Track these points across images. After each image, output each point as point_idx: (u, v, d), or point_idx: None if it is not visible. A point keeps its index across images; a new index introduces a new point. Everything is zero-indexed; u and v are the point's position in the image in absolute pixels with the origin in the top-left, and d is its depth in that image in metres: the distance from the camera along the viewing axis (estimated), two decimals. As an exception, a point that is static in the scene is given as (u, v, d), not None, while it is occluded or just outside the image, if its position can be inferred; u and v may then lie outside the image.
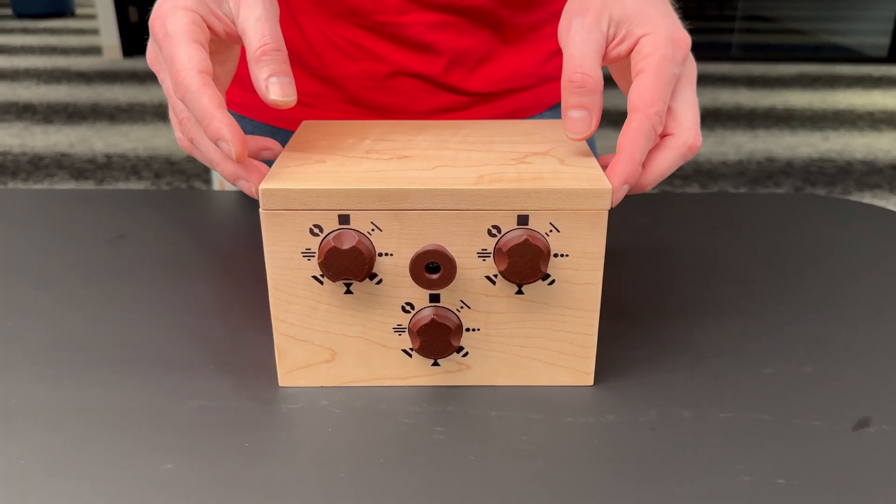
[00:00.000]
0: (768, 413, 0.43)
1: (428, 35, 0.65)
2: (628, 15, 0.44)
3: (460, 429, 0.41)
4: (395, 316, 0.43)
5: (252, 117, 0.73)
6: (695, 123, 0.44)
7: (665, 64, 0.43)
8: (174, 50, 0.42)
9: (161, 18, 0.43)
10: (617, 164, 0.42)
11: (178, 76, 0.41)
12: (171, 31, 0.43)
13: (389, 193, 0.40)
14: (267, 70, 0.43)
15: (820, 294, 0.56)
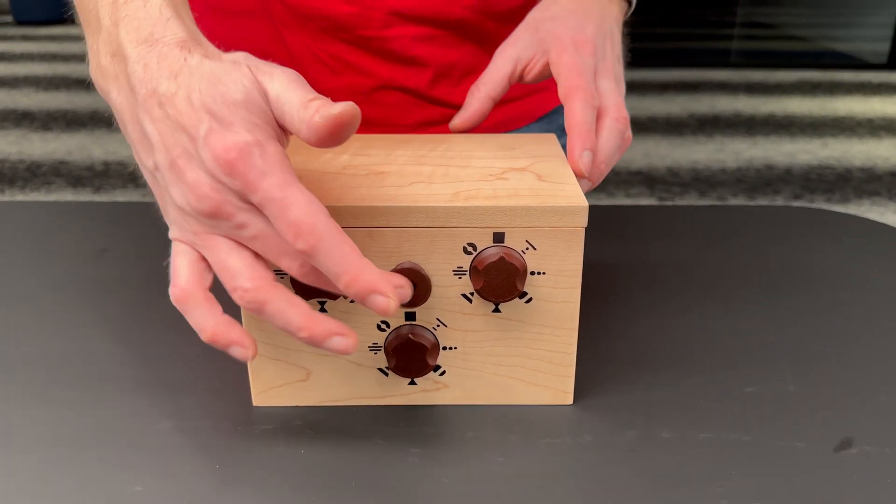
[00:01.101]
0: (749, 434, 0.42)
1: (413, 49, 0.65)
2: (541, 37, 0.52)
3: (436, 450, 0.41)
4: (371, 334, 0.43)
5: None
6: (618, 102, 0.49)
7: (574, 58, 0.49)
8: (283, 193, 0.33)
9: (247, 151, 0.33)
10: (571, 139, 0.46)
11: (304, 222, 0.33)
12: (268, 168, 0.34)
13: (363, 211, 0.40)
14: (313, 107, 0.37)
15: (808, 310, 0.55)
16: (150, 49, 0.37)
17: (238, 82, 0.35)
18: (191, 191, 0.35)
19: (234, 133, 0.34)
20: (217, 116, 0.34)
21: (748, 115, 3.93)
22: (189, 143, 0.35)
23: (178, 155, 0.35)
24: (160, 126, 0.36)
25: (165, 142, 0.35)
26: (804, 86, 4.55)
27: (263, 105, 0.36)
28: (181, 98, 0.35)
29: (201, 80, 0.35)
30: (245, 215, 0.35)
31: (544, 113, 0.75)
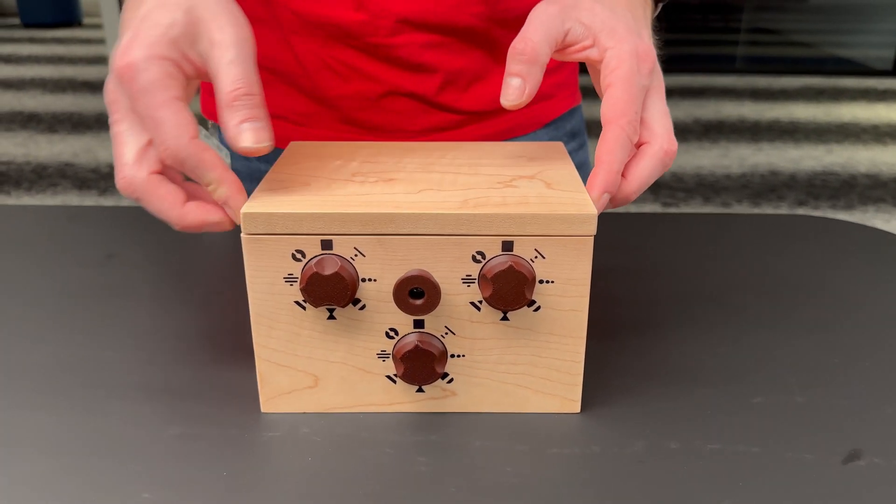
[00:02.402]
0: (757, 445, 0.42)
1: (421, 56, 0.65)
2: (596, 24, 0.45)
3: (444, 459, 0.41)
4: (379, 342, 0.43)
5: None
6: (668, 130, 0.45)
7: (631, 76, 0.44)
8: (157, 112, 0.40)
9: (132, 67, 0.41)
10: (596, 175, 0.43)
11: (170, 145, 0.40)
12: (146, 86, 0.40)
13: (372, 218, 0.40)
14: (238, 116, 0.41)
15: (815, 321, 0.55)
16: None
17: (170, 15, 0.42)
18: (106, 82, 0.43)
19: (133, 50, 0.41)
20: (135, 33, 0.41)
21: (753, 120, 3.93)
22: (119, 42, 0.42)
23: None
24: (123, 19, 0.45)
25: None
26: (809, 92, 4.55)
27: (182, 40, 0.42)
28: (131, 9, 0.44)
29: (156, 5, 0.42)
30: (122, 112, 0.42)
31: (551, 119, 0.75)
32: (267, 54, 0.67)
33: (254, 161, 0.74)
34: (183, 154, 0.40)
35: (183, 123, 0.40)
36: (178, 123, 0.40)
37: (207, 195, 0.43)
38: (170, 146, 0.40)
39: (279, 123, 0.70)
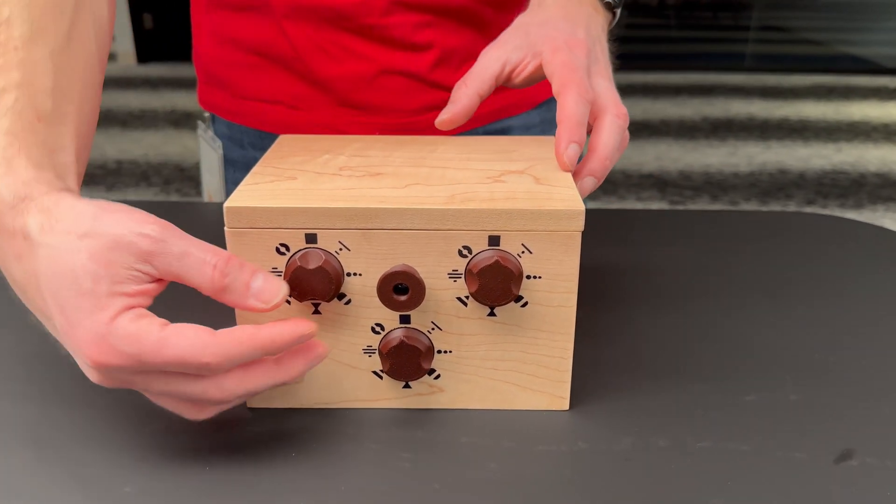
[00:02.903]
0: (747, 443, 0.41)
1: (414, 35, 0.66)
2: (530, 41, 0.51)
3: (428, 455, 0.40)
4: (365, 337, 0.42)
5: (241, 122, 0.73)
6: (615, 100, 0.49)
7: (569, 57, 0.48)
8: (166, 357, 0.35)
9: (115, 352, 0.34)
10: (559, 131, 0.46)
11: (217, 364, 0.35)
12: (141, 348, 0.34)
13: (357, 212, 0.39)
14: (239, 287, 0.37)
15: (813, 318, 0.54)
16: None
17: (80, 265, 0.34)
18: (88, 373, 0.37)
19: (87, 332, 0.34)
20: (67, 314, 0.34)
21: (762, 119, 3.90)
22: (59, 331, 0.36)
23: (59, 334, 0.36)
24: (31, 305, 0.37)
25: (44, 320, 0.37)
26: (819, 90, 4.52)
27: (122, 261, 0.35)
28: (32, 288, 0.36)
29: (45, 265, 0.35)
30: (141, 379, 0.36)
31: (543, 100, 0.75)
32: (260, 40, 0.67)
33: (249, 150, 0.74)
34: (213, 365, 0.35)
35: (197, 343, 0.35)
36: (185, 352, 0.35)
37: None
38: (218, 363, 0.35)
39: (275, 108, 0.70)
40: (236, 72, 0.70)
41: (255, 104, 0.71)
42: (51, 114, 0.38)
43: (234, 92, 0.71)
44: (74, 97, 0.40)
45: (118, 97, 4.26)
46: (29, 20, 0.39)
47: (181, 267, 0.35)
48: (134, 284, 0.35)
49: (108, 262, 0.34)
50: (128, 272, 0.35)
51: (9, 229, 0.36)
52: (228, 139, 0.75)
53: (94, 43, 0.43)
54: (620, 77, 0.54)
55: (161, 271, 0.35)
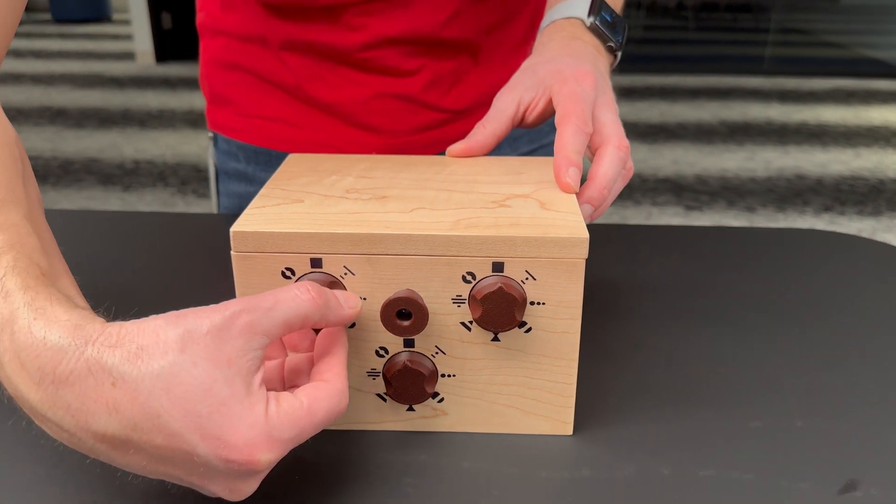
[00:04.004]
0: (751, 471, 0.41)
1: (406, 63, 0.68)
2: (539, 78, 0.53)
3: (431, 481, 0.40)
4: (369, 360, 0.43)
5: (243, 139, 0.74)
6: (618, 132, 0.50)
7: (574, 89, 0.50)
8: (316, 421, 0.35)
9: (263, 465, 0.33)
10: (555, 160, 0.47)
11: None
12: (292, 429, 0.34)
13: (362, 238, 0.39)
14: (334, 306, 0.37)
15: (822, 341, 0.54)
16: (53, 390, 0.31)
17: (207, 375, 0.31)
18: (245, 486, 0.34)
19: (248, 437, 0.32)
20: (213, 431, 0.31)
21: (780, 123, 3.87)
22: (202, 459, 0.32)
23: (197, 465, 0.32)
24: (139, 456, 0.32)
25: (163, 465, 0.33)
26: (838, 94, 4.48)
27: (238, 350, 0.32)
28: (143, 433, 0.31)
29: (160, 394, 0.31)
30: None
31: None
32: (262, 67, 0.69)
33: (242, 162, 0.75)
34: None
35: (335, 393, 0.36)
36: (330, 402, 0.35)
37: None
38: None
39: (278, 126, 0.71)
40: (238, 90, 0.72)
41: (256, 121, 0.72)
42: (48, 269, 0.35)
43: (237, 110, 0.73)
44: (56, 255, 0.38)
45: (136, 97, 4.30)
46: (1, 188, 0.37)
47: (281, 315, 0.34)
48: (259, 369, 0.33)
49: (229, 360, 0.32)
50: (249, 359, 0.33)
51: (88, 383, 0.31)
52: (225, 153, 0.76)
53: (42, 216, 0.40)
54: (637, 79, 0.56)
55: (269, 334, 0.34)
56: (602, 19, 0.58)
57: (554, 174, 0.46)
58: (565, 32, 0.57)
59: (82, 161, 3.26)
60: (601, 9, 0.58)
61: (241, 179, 0.75)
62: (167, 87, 4.55)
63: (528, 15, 0.73)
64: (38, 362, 0.31)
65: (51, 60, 5.33)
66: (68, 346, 0.31)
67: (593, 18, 0.57)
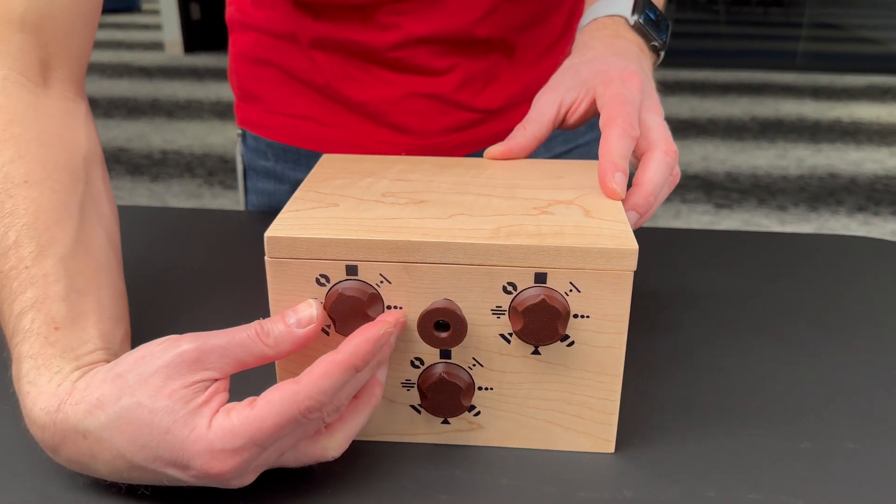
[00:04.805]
0: (801, 496, 0.39)
1: (437, 62, 0.66)
2: (581, 78, 0.51)
3: (464, 497, 0.39)
4: (404, 370, 0.41)
5: (272, 137, 0.73)
6: (666, 137, 0.48)
7: (620, 90, 0.48)
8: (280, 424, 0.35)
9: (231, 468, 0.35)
10: (600, 165, 0.45)
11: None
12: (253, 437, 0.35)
13: (399, 245, 0.38)
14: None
15: (879, 358, 0.51)
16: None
17: (148, 412, 0.35)
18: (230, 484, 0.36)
19: (199, 455, 0.34)
20: (174, 458, 0.34)
21: (813, 120, 3.80)
22: (185, 477, 0.35)
23: (185, 480, 0.36)
24: (142, 482, 0.37)
25: (166, 481, 0.36)
26: (873, 91, 4.39)
27: (181, 383, 0.35)
28: (127, 468, 0.36)
29: (119, 439, 0.35)
30: (272, 452, 0.36)
31: None
32: (292, 64, 0.68)
33: (271, 160, 0.73)
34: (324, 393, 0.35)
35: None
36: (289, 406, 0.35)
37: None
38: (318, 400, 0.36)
39: (307, 124, 0.70)
40: (268, 87, 0.71)
41: (286, 119, 0.71)
42: (66, 317, 0.39)
43: (266, 107, 0.72)
44: (91, 290, 0.41)
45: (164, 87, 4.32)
46: (35, 237, 0.40)
47: (231, 354, 0.36)
48: (200, 396, 0.35)
49: (171, 392, 0.35)
50: (191, 389, 0.35)
51: (68, 443, 0.36)
52: (253, 150, 0.75)
53: (104, 234, 0.45)
54: (667, 74, 0.54)
55: (218, 370, 0.36)
56: (646, 17, 0.56)
57: (599, 180, 0.45)
58: (608, 31, 0.55)
59: (111, 151, 3.29)
60: (645, 6, 0.56)
61: (270, 177, 0.74)
62: (195, 78, 4.57)
63: (564, 12, 0.71)
64: (35, 431, 0.37)
65: (81, 50, 5.37)
66: (47, 416, 0.36)
67: (637, 16, 0.55)
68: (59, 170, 0.43)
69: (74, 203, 0.43)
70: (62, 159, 0.44)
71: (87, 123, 0.48)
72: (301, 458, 0.38)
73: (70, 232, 0.42)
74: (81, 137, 0.46)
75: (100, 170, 0.47)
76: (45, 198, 0.42)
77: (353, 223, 0.40)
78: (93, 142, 0.47)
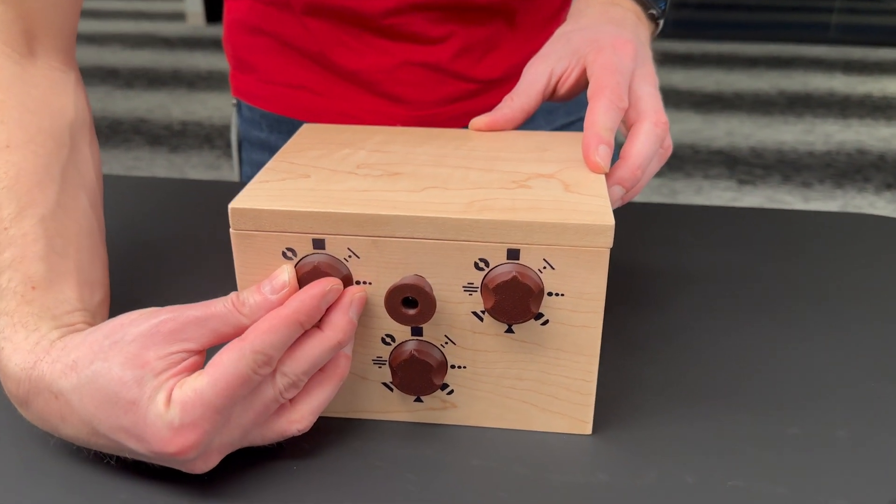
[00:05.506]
0: (785, 484, 0.38)
1: (434, 30, 0.64)
2: (573, 46, 0.49)
3: (435, 478, 0.38)
4: (375, 347, 0.40)
5: (266, 108, 0.71)
6: (656, 108, 0.46)
7: (610, 58, 0.46)
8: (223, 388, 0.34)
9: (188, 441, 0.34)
10: (584, 136, 0.43)
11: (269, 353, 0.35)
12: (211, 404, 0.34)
13: (367, 219, 0.37)
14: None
15: (877, 342, 0.49)
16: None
17: (117, 380, 0.34)
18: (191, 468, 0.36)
19: (160, 431, 0.34)
20: (134, 431, 0.34)
21: (843, 94, 3.70)
22: (143, 451, 0.35)
23: (143, 455, 0.35)
24: (105, 449, 0.37)
25: (127, 454, 0.36)
26: (907, 65, 4.26)
27: (155, 354, 0.34)
28: (91, 435, 0.35)
29: (87, 404, 0.35)
30: (234, 426, 0.36)
31: None
32: (286, 33, 0.67)
33: (265, 131, 0.72)
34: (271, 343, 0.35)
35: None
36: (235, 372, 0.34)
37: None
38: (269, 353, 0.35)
39: (301, 94, 0.69)
40: (262, 56, 0.69)
41: (280, 88, 0.69)
42: (44, 277, 0.39)
43: (261, 76, 0.70)
44: (70, 253, 0.41)
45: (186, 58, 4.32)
46: (16, 199, 0.40)
47: (208, 325, 0.35)
48: (174, 368, 0.34)
49: (144, 362, 0.34)
50: (164, 361, 0.34)
51: (39, 399, 0.36)
52: (248, 121, 0.74)
53: (86, 199, 0.44)
54: (693, 46, 0.52)
55: (196, 341, 0.35)
56: None
57: (583, 152, 0.43)
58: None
59: (131, 121, 3.30)
60: None
61: (264, 149, 0.73)
62: (216, 49, 4.56)
63: None
64: (8, 385, 0.37)
65: (104, 20, 5.39)
66: (21, 371, 0.36)
67: None
68: (42, 134, 0.43)
69: (57, 167, 0.43)
70: (46, 124, 0.44)
71: (77, 92, 0.48)
72: (267, 434, 0.37)
73: (51, 195, 0.42)
74: (69, 105, 0.46)
75: (87, 137, 0.47)
76: (27, 161, 0.42)
77: (322, 195, 0.38)
78: (81, 110, 0.47)
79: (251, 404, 0.36)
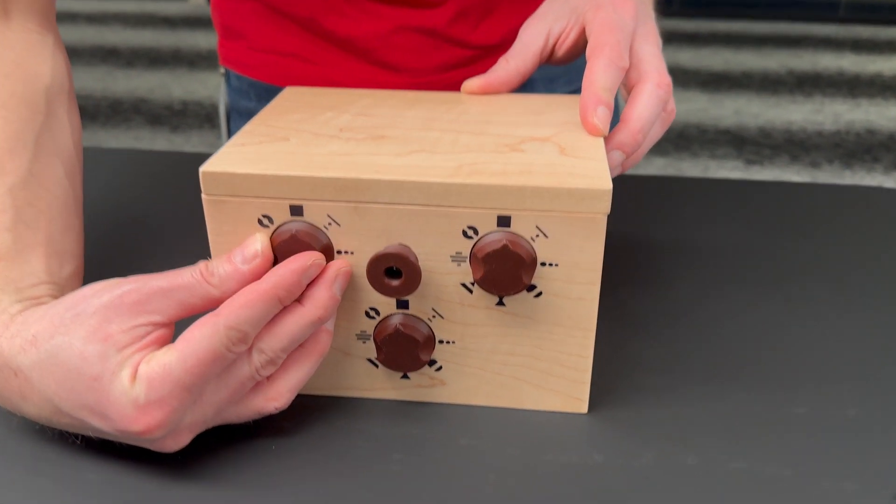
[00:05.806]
0: (791, 467, 0.35)
1: None
2: (570, 5, 0.46)
3: (422, 458, 0.36)
4: (359, 322, 0.38)
5: (255, 76, 0.69)
6: (659, 68, 0.43)
7: (609, 16, 0.43)
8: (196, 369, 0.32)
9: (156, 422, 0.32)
10: (582, 98, 0.41)
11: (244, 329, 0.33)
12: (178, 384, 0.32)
13: (346, 184, 0.34)
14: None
15: (884, 316, 0.47)
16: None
17: (78, 354, 0.32)
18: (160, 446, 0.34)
19: (124, 409, 0.32)
20: (98, 408, 0.32)
21: (852, 74, 3.65)
22: (107, 430, 0.33)
23: (108, 433, 0.34)
24: (69, 428, 0.35)
25: (91, 432, 0.34)
26: (919, 44, 4.19)
27: (119, 327, 0.32)
28: (53, 413, 0.34)
29: (48, 381, 0.33)
30: (205, 403, 0.34)
31: None
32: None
33: (254, 101, 0.70)
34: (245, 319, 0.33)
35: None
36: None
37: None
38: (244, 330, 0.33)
39: (291, 62, 0.66)
40: (251, 23, 0.66)
41: (269, 56, 0.67)
42: (11, 248, 0.37)
43: (250, 44, 0.68)
44: (41, 224, 0.39)
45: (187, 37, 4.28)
46: None
47: (175, 296, 0.33)
48: (139, 342, 0.33)
49: (107, 336, 0.32)
50: (128, 335, 0.32)
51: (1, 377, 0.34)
52: (237, 90, 0.71)
53: (61, 168, 0.42)
54: (701, 24, 0.49)
55: (162, 313, 0.33)
56: None
57: (580, 114, 0.40)
58: None
59: (131, 101, 3.27)
60: None
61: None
62: (219, 28, 4.52)
63: None
64: None
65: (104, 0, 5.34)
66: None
67: None
68: (14, 99, 0.41)
69: (30, 134, 0.41)
70: (19, 90, 0.42)
71: (55, 56, 0.45)
72: (242, 412, 0.35)
73: (23, 163, 0.40)
74: (45, 69, 0.44)
75: (65, 103, 0.45)
76: (7, 124, 0.40)
77: (300, 159, 0.36)
78: (59, 74, 0.45)
79: (225, 382, 0.34)
